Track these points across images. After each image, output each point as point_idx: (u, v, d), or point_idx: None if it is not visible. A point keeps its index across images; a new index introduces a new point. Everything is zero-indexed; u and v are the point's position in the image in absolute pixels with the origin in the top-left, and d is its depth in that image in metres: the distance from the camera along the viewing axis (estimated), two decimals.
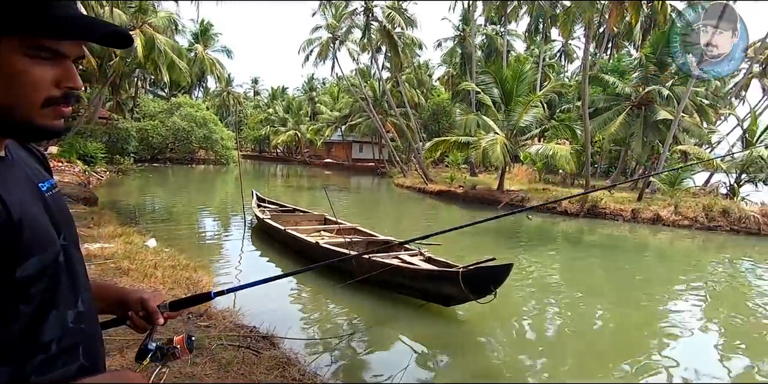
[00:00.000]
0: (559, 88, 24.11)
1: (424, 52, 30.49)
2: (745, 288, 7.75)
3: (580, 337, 5.00)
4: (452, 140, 17.26)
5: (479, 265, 4.36)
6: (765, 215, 12.68)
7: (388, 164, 32.81)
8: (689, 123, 17.68)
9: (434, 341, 4.56)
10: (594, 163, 22.22)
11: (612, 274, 8.34)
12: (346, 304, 5.34)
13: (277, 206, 9.95)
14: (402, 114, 27.13)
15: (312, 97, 48.09)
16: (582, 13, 14.09)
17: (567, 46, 32.86)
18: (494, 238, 10.42)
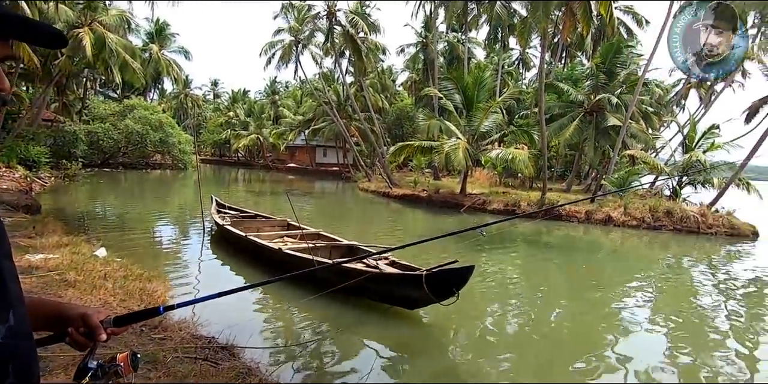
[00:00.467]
0: (517, 95, 25.00)
1: (387, 57, 30.82)
2: (687, 283, 8.30)
3: (540, 335, 5.17)
4: (416, 145, 17.49)
5: (442, 268, 4.43)
6: (703, 215, 13.66)
7: (353, 168, 32.75)
8: (636, 129, 18.81)
9: (400, 345, 4.57)
10: (551, 167, 23.16)
11: (568, 273, 8.69)
12: (310, 310, 5.26)
13: (238, 212, 9.68)
14: (366, 118, 27.20)
15: (275, 100, 47.30)
16: (537, 24, 14.70)
17: (524, 54, 34.15)
18: (457, 241, 10.61)
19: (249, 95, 55.45)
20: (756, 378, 4.35)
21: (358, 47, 23.39)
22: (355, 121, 29.45)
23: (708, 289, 7.94)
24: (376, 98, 32.02)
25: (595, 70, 18.21)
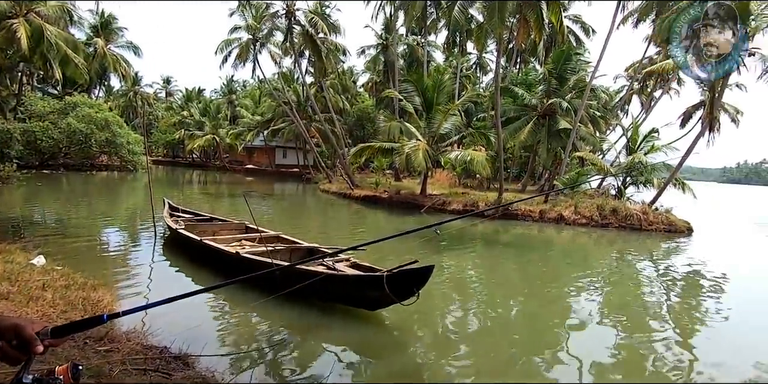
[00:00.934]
0: (475, 98, 25.70)
1: (348, 58, 30.63)
2: (632, 277, 8.85)
3: (499, 332, 5.33)
4: (377, 146, 17.55)
5: (403, 268, 4.46)
6: (645, 213, 14.62)
7: (314, 170, 32.39)
8: (585, 132, 19.86)
9: (362, 347, 4.56)
10: (507, 168, 23.96)
11: (524, 271, 9.03)
12: (270, 315, 5.14)
13: (193, 215, 9.31)
14: (327, 119, 26.97)
15: (232, 100, 45.92)
16: (493, 29, 15.17)
17: (482, 59, 35.16)
18: (417, 241, 10.74)
19: (204, 94, 53.47)
20: (691, 361, 4.70)
21: (318, 47, 23.17)
22: (315, 122, 29.13)
23: (650, 281, 8.51)
24: (336, 99, 31.84)
25: (547, 76, 19.04)
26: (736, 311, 6.69)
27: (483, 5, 16.43)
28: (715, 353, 5.06)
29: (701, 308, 6.90)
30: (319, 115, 26.33)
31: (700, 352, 5.01)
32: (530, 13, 14.70)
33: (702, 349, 5.16)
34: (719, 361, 4.80)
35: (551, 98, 18.44)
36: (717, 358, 4.91)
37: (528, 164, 23.28)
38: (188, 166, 46.78)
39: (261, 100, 42.66)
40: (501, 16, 13.90)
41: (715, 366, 4.63)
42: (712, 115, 14.85)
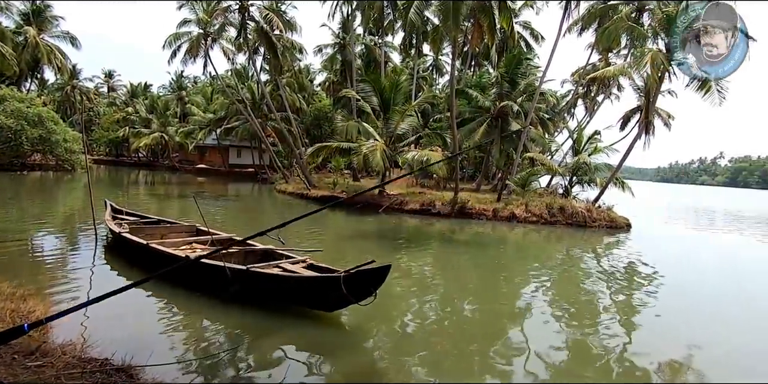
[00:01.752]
0: (431, 99, 26.14)
1: (304, 56, 30.17)
2: (578, 271, 9.36)
3: (457, 328, 5.44)
4: (334, 146, 17.44)
5: (360, 268, 4.45)
6: (589, 210, 15.52)
7: (270, 170, 31.64)
8: (535, 134, 20.77)
9: (319, 349, 4.50)
10: (462, 168, 24.59)
11: (479, 267, 9.29)
12: (224, 319, 4.96)
13: (138, 218, 8.80)
14: (283, 118, 26.43)
15: (181, 96, 43.89)
16: (448, 33, 15.51)
17: (438, 61, 35.82)
18: (376, 242, 10.78)
19: (151, 90, 50.81)
20: (632, 347, 5.04)
21: (274, 45, 22.65)
22: (271, 121, 28.47)
23: (594, 274, 9.05)
24: (293, 98, 31.27)
25: (499, 79, 19.72)
26: (666, 298, 7.31)
27: (438, 8, 16.74)
28: (650, 337, 5.46)
29: (637, 297, 7.44)
30: (275, 113, 25.75)
31: (637, 337, 5.41)
32: (483, 18, 15.15)
33: (639, 333, 5.59)
34: (653, 343, 5.18)
35: (504, 101, 19.11)
36: (652, 341, 5.30)
37: (482, 164, 24.00)
38: (134, 165, 44.20)
39: (213, 97, 41.12)
40: (455, 19, 14.23)
41: (650, 348, 5.00)
42: (648, 119, 15.99)
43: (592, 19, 21.38)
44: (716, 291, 8.41)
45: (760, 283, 9.45)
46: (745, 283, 9.24)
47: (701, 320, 6.50)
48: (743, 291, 8.51)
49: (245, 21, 22.32)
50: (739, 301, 7.75)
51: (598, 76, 17.06)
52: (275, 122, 26.76)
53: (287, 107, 25.67)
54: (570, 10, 20.10)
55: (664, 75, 14.61)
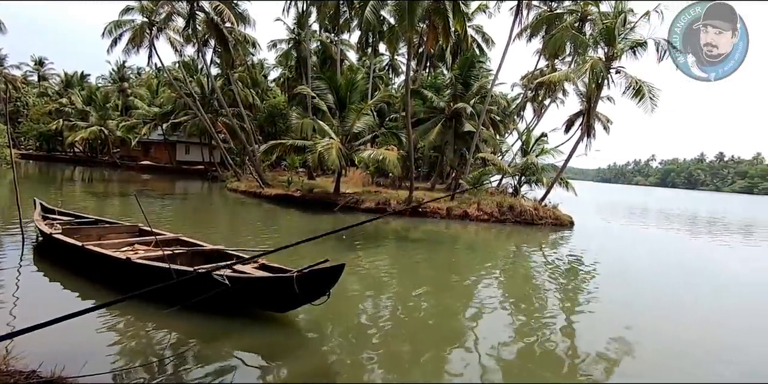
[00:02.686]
0: (387, 99, 26.26)
1: (258, 51, 29.24)
2: (526, 266, 9.81)
3: (411, 326, 5.52)
4: (289, 143, 17.11)
5: (313, 268, 4.41)
6: (536, 209, 16.29)
7: (221, 167, 30.50)
8: (487, 135, 21.47)
9: (272, 351, 4.41)
10: (418, 168, 24.95)
11: (433, 265, 9.49)
12: (169, 325, 4.72)
13: (73, 218, 8.18)
14: (235, 114, 25.55)
15: (123, 88, 41.26)
16: (403, 33, 15.67)
17: (394, 60, 36.06)
18: (331, 240, 10.69)
19: (89, 80, 47.33)
20: (575, 336, 5.36)
21: (225, 37, 21.80)
22: (222, 117, 27.42)
23: (541, 269, 9.53)
24: (246, 93, 30.29)
25: (454, 81, 20.18)
26: (605, 289, 7.87)
27: (394, 8, 16.86)
28: (591, 325, 5.83)
29: (579, 289, 7.92)
30: (226, 109, 24.82)
31: (579, 326, 5.77)
32: (438, 20, 15.43)
33: (581, 322, 5.97)
34: (594, 331, 5.54)
35: (457, 102, 19.58)
36: (593, 329, 5.66)
37: (437, 164, 24.48)
38: (69, 161, 40.98)
39: (159, 90, 38.96)
40: (411, 20, 14.40)
41: (592, 335, 5.34)
42: (589, 123, 17.02)
43: (540, 27, 22.38)
44: (649, 282, 9.11)
45: (688, 274, 10.35)
46: (674, 274, 10.09)
47: (636, 308, 7.01)
48: (672, 281, 9.29)
49: (194, 11, 21.32)
50: (669, 290, 8.44)
51: (545, 80, 17.91)
52: (227, 118, 25.80)
53: (240, 103, 24.83)
54: (521, 17, 20.96)
55: (603, 82, 15.61)
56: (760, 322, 6.83)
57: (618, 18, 15.13)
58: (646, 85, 15.27)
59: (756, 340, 5.90)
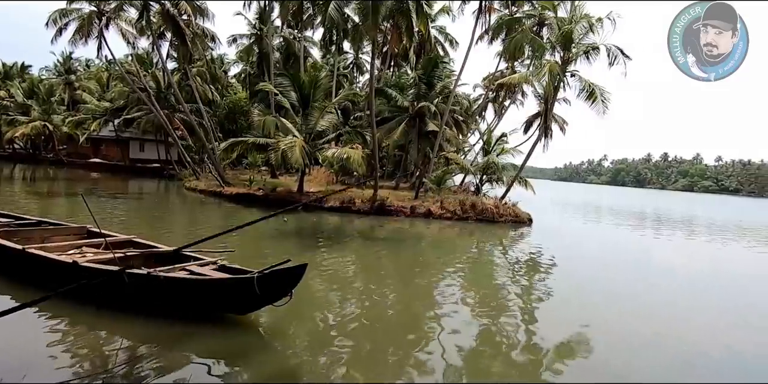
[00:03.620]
0: (351, 97, 26.16)
1: (217, 46, 28.29)
2: (488, 262, 10.08)
3: (376, 324, 5.53)
4: (250, 141, 16.70)
5: (274, 268, 4.32)
6: (497, 207, 16.76)
7: (178, 165, 29.31)
8: (450, 134, 21.83)
9: (231, 353, 4.29)
10: (382, 166, 25.00)
11: (397, 263, 9.56)
12: (122, 331, 4.49)
13: (12, 219, 7.60)
14: (193, 110, 24.62)
15: (70, 81, 38.75)
16: (368, 32, 15.66)
17: (358, 59, 35.94)
18: (295, 240, 10.55)
19: (31, 72, 44.15)
20: (534, 329, 5.56)
21: (182, 30, 20.95)
22: (179, 113, 26.36)
23: (501, 265, 9.83)
24: (204, 89, 29.24)
25: (417, 80, 20.39)
26: (561, 283, 8.21)
27: (358, 7, 16.80)
28: (548, 318, 6.08)
29: (537, 283, 8.24)
30: (183, 105, 23.86)
31: (537, 319, 6.00)
32: (402, 20, 15.54)
33: (538, 316, 6.21)
34: (551, 324, 5.78)
35: (421, 101, 19.80)
36: (550, 322, 5.90)
37: (401, 163, 24.64)
38: (8, 159, 38.08)
39: (110, 84, 36.92)
40: (375, 19, 14.40)
41: (549, 329, 5.56)
42: (546, 124, 17.69)
43: (501, 30, 23.00)
44: (601, 275, 9.60)
45: (636, 268, 10.99)
46: (624, 268, 10.69)
47: (590, 301, 7.38)
48: (623, 274, 9.83)
49: (148, 2, 20.33)
50: (620, 283, 8.93)
51: (505, 82, 18.46)
52: (184, 114, 24.80)
53: (198, 98, 23.94)
54: (482, 20, 21.44)
55: (560, 85, 16.28)
56: (707, 315, 7.38)
57: (573, 23, 15.82)
58: (598, 89, 16.06)
59: (707, 332, 6.37)
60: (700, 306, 7.84)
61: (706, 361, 5.18)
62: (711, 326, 6.56)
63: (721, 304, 7.99)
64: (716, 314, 7.28)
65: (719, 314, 7.28)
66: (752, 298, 8.78)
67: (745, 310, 7.65)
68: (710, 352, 5.50)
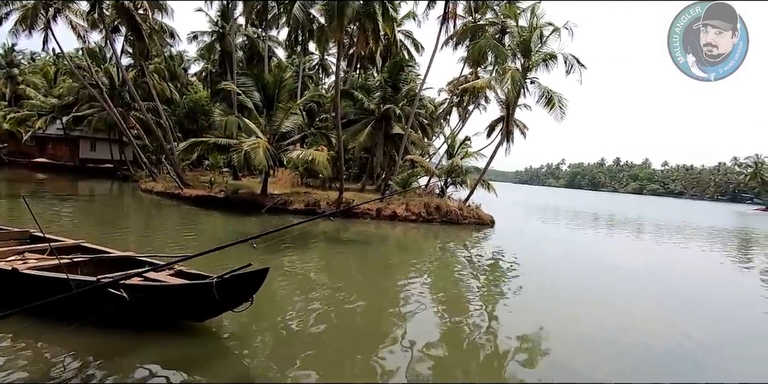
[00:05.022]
0: (317, 98, 25.94)
1: (177, 42, 27.29)
2: (452, 263, 10.23)
3: (341, 327, 5.47)
4: (211, 141, 16.18)
5: (234, 273, 4.19)
6: (461, 209, 17.09)
7: (133, 166, 27.98)
8: (415, 137, 22.08)
9: (190, 363, 4.12)
10: (348, 169, 24.92)
11: (363, 265, 9.54)
12: (67, 343, 4.21)
13: None
14: (150, 109, 23.59)
15: (12, 74, 36.13)
16: (333, 34, 15.58)
17: (324, 60, 35.67)
18: (258, 243, 10.29)
19: None
20: (495, 329, 5.69)
21: (138, 25, 20.05)
22: (135, 111, 25.16)
23: (465, 265, 10.02)
24: (162, 87, 28.09)
25: (383, 83, 20.48)
26: (521, 283, 8.48)
27: (324, 8, 16.70)
28: (509, 317, 6.25)
29: (499, 283, 8.45)
30: (139, 103, 22.80)
31: (499, 319, 6.16)
32: (368, 22, 15.58)
33: (500, 316, 6.38)
34: (512, 323, 5.94)
35: (387, 104, 19.90)
36: (511, 321, 6.06)
37: (367, 165, 24.64)
38: None
39: (58, 79, 34.74)
40: (340, 20, 14.36)
41: (510, 328, 5.71)
42: (508, 129, 18.22)
43: (465, 36, 23.52)
44: (560, 274, 9.97)
45: (594, 268, 11.49)
46: (580, 267, 11.16)
47: (549, 301, 7.63)
48: (581, 274, 10.26)
49: None
50: (577, 282, 9.31)
51: (469, 87, 18.88)
52: (140, 113, 23.70)
53: (155, 96, 22.97)
54: (447, 26, 21.86)
55: (521, 91, 16.82)
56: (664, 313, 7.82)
57: (533, 32, 16.42)
58: (556, 96, 16.74)
59: (659, 328, 6.74)
60: (651, 301, 8.31)
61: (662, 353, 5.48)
62: (666, 322, 6.96)
63: (671, 299, 8.51)
64: (666, 308, 7.73)
65: (670, 308, 7.73)
66: (685, 290, 9.41)
67: (685, 302, 8.17)
68: (660, 344, 5.83)
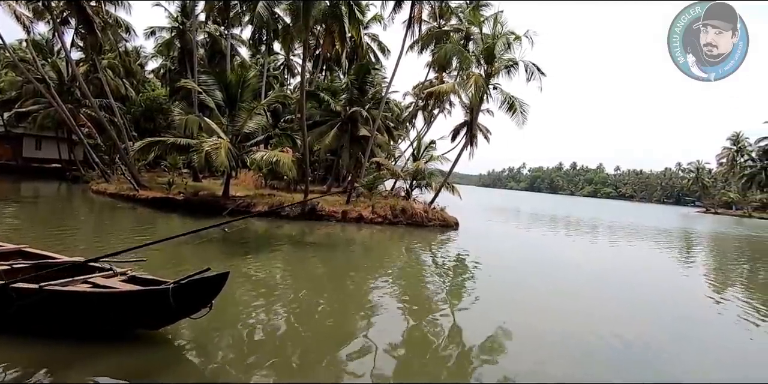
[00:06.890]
0: (282, 99, 25.51)
1: (133, 37, 26.01)
2: (417, 265, 10.31)
3: (306, 331, 5.36)
4: (170, 141, 15.54)
5: (192, 278, 4.00)
6: (426, 211, 17.28)
7: (84, 166, 26.42)
8: (381, 140, 22.17)
9: (143, 374, 3.91)
10: (314, 171, 24.65)
11: (329, 268, 9.42)
12: (10, 354, 3.89)
13: None
14: (103, 106, 22.39)
15: None
16: (299, 34, 15.40)
17: (289, 60, 35.16)
18: (219, 247, 9.96)
19: None
20: (459, 330, 5.77)
21: (89, 17, 18.99)
22: (86, 108, 23.81)
23: (430, 268, 10.11)
24: (117, 83, 26.77)
25: (350, 86, 20.43)
26: (484, 284, 8.66)
27: (289, 7, 16.46)
28: (472, 319, 6.36)
29: (462, 285, 8.59)
30: (91, 99, 21.56)
31: (462, 321, 6.25)
32: (334, 24, 15.49)
33: (464, 317, 6.47)
34: (476, 324, 6.04)
35: (354, 107, 19.87)
36: (474, 323, 6.17)
37: (333, 167, 24.48)
38: None
39: None
40: (306, 20, 14.21)
41: (473, 329, 5.81)
42: (472, 133, 18.64)
43: (430, 41, 23.87)
44: (520, 275, 10.26)
45: (549, 266, 11.90)
46: (544, 269, 11.53)
47: (509, 299, 7.84)
48: (544, 275, 10.60)
49: None
50: (539, 284, 9.61)
51: (434, 91, 19.16)
52: (92, 110, 22.43)
53: (109, 93, 21.82)
54: (413, 30, 22.08)
55: (484, 96, 17.26)
56: (619, 311, 8.18)
57: (497, 40, 16.90)
58: (518, 101, 17.30)
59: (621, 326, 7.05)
60: (603, 299, 8.70)
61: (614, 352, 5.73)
62: (619, 321, 7.30)
63: (619, 296, 8.94)
64: (617, 306, 8.11)
65: (620, 306, 8.12)
66: (638, 289, 9.94)
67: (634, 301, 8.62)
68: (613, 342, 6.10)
